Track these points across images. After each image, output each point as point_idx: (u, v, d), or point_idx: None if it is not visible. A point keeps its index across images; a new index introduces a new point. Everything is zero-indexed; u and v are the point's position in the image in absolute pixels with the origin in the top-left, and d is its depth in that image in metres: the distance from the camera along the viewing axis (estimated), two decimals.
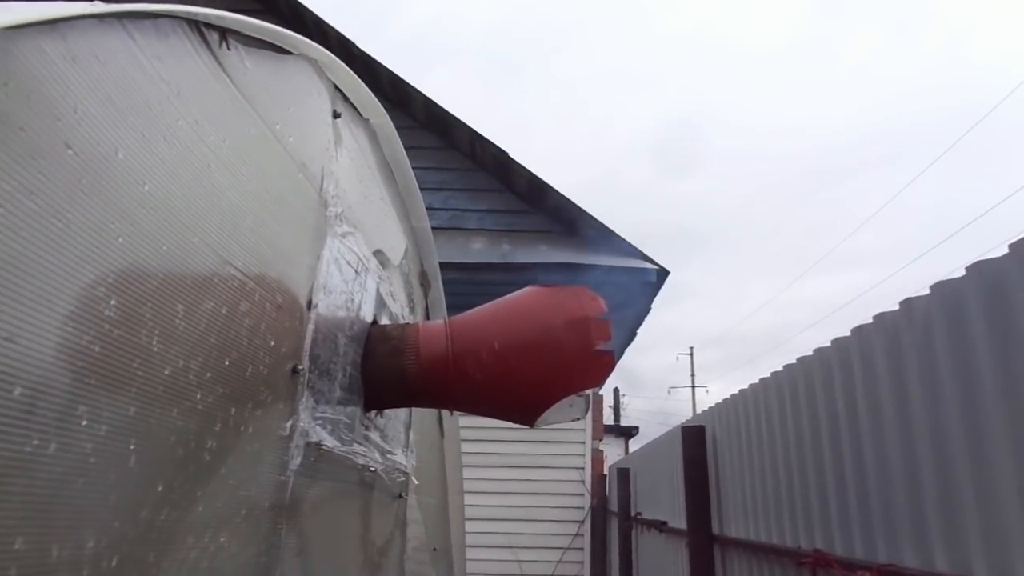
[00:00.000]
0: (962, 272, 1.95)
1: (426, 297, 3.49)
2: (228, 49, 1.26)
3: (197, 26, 1.15)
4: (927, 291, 2.11)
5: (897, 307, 2.26)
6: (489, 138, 8.36)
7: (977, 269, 1.89)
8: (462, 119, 8.42)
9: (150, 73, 1.00)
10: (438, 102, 8.40)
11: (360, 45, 8.48)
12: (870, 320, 2.42)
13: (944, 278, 2.04)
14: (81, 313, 0.83)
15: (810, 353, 2.93)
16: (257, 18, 1.40)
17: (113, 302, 0.90)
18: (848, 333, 2.58)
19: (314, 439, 1.70)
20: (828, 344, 2.75)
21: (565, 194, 8.25)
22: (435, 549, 3.77)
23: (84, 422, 0.84)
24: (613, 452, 16.28)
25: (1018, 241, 1.75)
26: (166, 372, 1.03)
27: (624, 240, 8.19)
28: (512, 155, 8.30)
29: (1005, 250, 1.79)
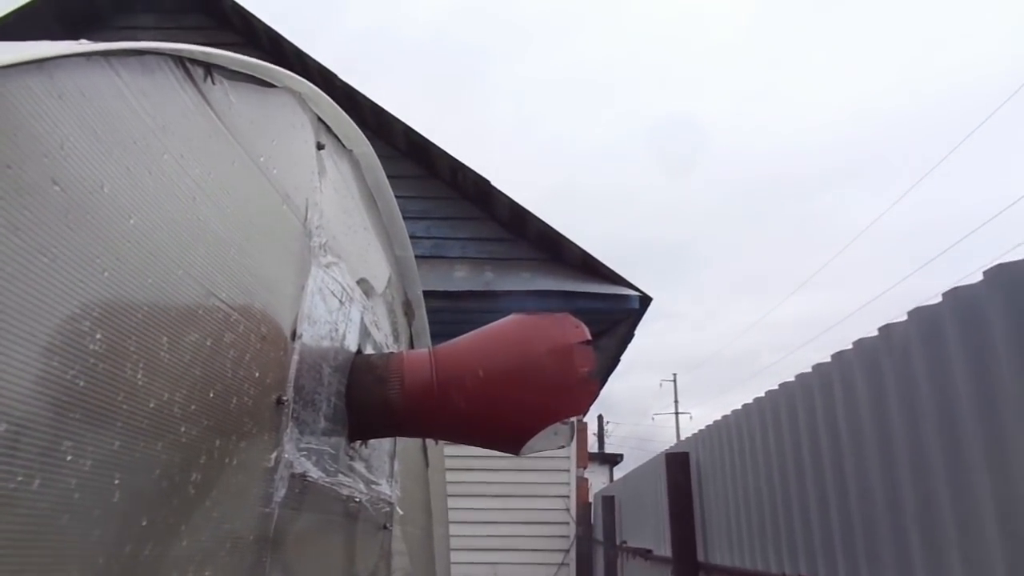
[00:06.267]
0: (938, 298, 1.98)
1: (410, 326, 3.49)
2: (213, 84, 1.28)
3: (182, 62, 1.16)
4: (904, 317, 2.14)
5: (876, 332, 2.29)
6: (470, 166, 8.41)
7: (953, 295, 1.93)
8: (443, 147, 8.48)
9: (136, 108, 1.01)
10: (419, 131, 8.46)
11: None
12: (850, 346, 2.45)
13: (921, 303, 2.07)
14: (66, 348, 0.84)
15: (791, 379, 2.95)
16: (239, 51, 1.42)
17: (98, 336, 0.90)
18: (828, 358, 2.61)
19: (299, 470, 1.69)
20: (809, 370, 2.78)
21: (546, 221, 8.30)
22: None
23: (68, 457, 0.84)
24: (598, 480, 16.22)
25: (991, 268, 1.78)
26: (151, 405, 1.02)
27: (606, 267, 8.24)
28: (493, 183, 8.36)
29: (980, 276, 1.83)
